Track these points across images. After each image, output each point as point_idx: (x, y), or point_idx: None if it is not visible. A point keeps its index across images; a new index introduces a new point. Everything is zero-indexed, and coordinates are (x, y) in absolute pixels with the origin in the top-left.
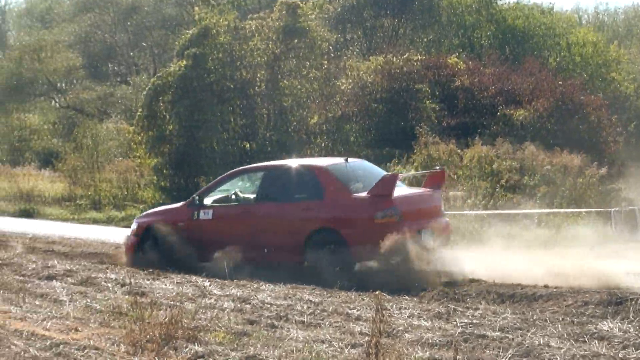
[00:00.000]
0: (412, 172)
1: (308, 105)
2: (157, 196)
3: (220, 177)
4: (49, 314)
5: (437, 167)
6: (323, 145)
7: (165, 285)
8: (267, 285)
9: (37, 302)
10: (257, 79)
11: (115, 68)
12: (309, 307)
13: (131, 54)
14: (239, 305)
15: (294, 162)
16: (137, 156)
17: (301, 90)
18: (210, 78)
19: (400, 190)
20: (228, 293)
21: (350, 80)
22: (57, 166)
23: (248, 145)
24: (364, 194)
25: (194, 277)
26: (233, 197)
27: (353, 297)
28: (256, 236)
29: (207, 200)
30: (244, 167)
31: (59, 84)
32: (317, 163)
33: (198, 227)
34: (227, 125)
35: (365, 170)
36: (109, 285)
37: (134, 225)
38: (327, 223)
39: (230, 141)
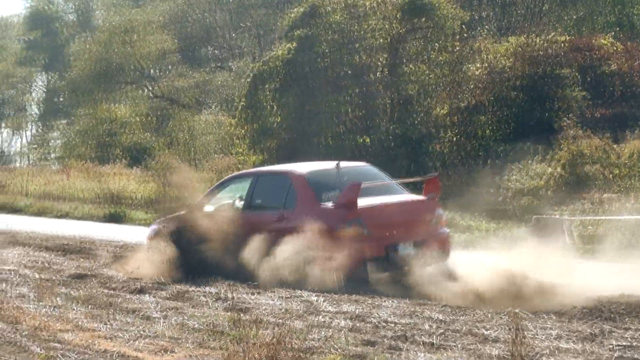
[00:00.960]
0: (409, 178)
1: (435, 94)
2: None
3: (215, 184)
4: (140, 332)
5: (431, 174)
6: (454, 139)
7: (272, 300)
8: (388, 301)
9: (126, 319)
10: (376, 63)
11: (215, 52)
12: (437, 327)
13: (232, 35)
14: (355, 324)
15: (278, 168)
16: (238, 152)
17: (427, 77)
18: (323, 63)
19: (385, 198)
20: (342, 310)
21: (485, 65)
22: (148, 164)
23: (366, 139)
24: (329, 204)
25: (302, 291)
26: (230, 204)
27: (489, 315)
28: (240, 247)
29: (208, 208)
30: (235, 173)
31: (150, 70)
32: (296, 169)
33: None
34: (341, 116)
35: (361, 177)
36: (207, 300)
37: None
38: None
39: (345, 135)
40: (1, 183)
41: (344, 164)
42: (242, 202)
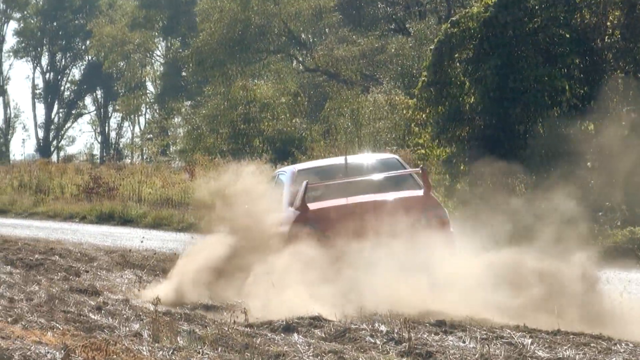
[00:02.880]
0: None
1: None
2: (451, 205)
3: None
4: None
5: (420, 167)
6: None
7: (463, 342)
8: (623, 345)
9: None
10: (608, 24)
11: (387, 10)
12: None
13: None
14: None
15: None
16: (417, 144)
17: None
18: (532, 24)
19: (364, 197)
20: (559, 356)
21: None
22: (298, 160)
23: (589, 126)
24: (291, 208)
25: (503, 329)
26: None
27: None
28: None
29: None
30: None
31: (302, 35)
32: (293, 166)
33: None
34: (559, 95)
35: (368, 172)
36: (377, 341)
37: None
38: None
39: (563, 121)
40: (108, 185)
41: (358, 157)
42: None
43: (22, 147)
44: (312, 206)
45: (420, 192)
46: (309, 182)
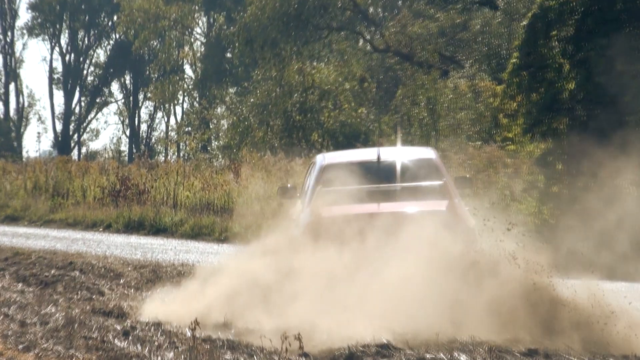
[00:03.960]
0: None
1: None
2: (547, 212)
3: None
4: None
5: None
6: None
7: None
8: None
9: None
10: None
11: None
12: None
13: None
14: None
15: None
16: (506, 138)
17: None
18: None
19: (382, 206)
20: None
21: None
22: None
23: None
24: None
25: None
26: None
27: None
28: None
29: None
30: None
31: (369, 10)
32: (322, 156)
33: None
34: None
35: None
36: None
37: None
38: None
39: None
40: (138, 188)
41: (392, 152)
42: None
43: (37, 142)
44: (326, 212)
45: (443, 206)
46: (324, 187)
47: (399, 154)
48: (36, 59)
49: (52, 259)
